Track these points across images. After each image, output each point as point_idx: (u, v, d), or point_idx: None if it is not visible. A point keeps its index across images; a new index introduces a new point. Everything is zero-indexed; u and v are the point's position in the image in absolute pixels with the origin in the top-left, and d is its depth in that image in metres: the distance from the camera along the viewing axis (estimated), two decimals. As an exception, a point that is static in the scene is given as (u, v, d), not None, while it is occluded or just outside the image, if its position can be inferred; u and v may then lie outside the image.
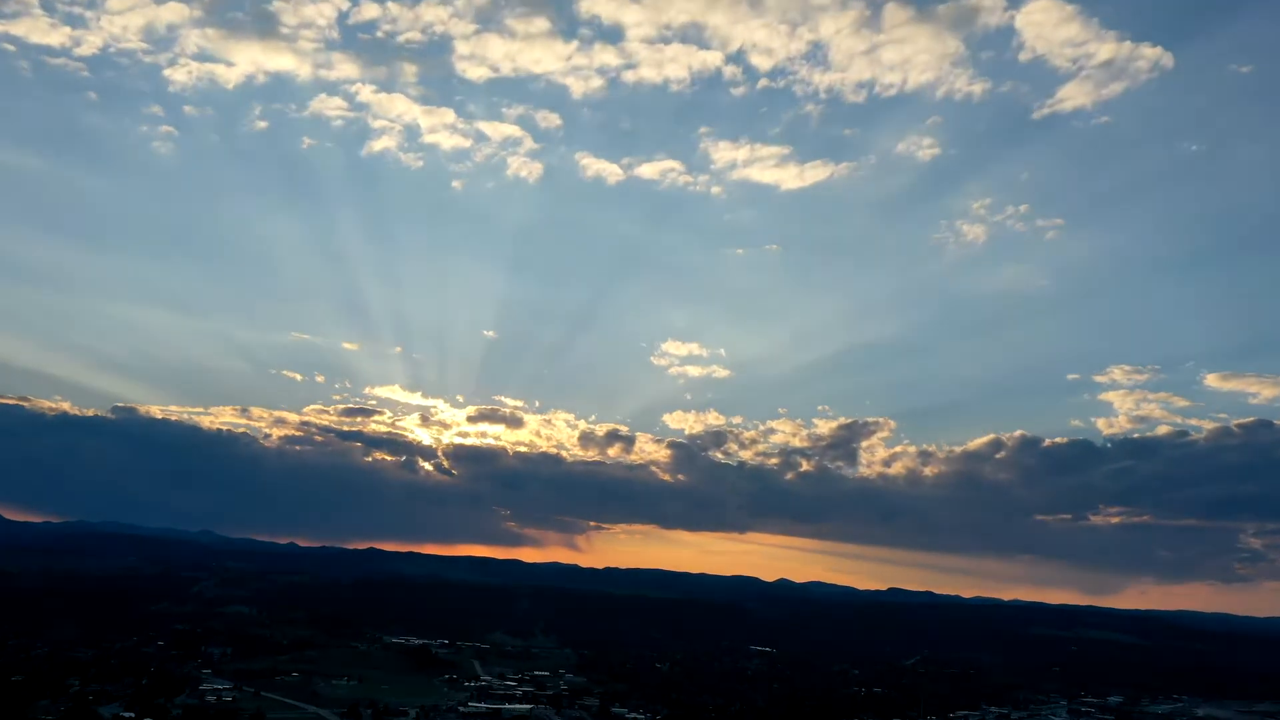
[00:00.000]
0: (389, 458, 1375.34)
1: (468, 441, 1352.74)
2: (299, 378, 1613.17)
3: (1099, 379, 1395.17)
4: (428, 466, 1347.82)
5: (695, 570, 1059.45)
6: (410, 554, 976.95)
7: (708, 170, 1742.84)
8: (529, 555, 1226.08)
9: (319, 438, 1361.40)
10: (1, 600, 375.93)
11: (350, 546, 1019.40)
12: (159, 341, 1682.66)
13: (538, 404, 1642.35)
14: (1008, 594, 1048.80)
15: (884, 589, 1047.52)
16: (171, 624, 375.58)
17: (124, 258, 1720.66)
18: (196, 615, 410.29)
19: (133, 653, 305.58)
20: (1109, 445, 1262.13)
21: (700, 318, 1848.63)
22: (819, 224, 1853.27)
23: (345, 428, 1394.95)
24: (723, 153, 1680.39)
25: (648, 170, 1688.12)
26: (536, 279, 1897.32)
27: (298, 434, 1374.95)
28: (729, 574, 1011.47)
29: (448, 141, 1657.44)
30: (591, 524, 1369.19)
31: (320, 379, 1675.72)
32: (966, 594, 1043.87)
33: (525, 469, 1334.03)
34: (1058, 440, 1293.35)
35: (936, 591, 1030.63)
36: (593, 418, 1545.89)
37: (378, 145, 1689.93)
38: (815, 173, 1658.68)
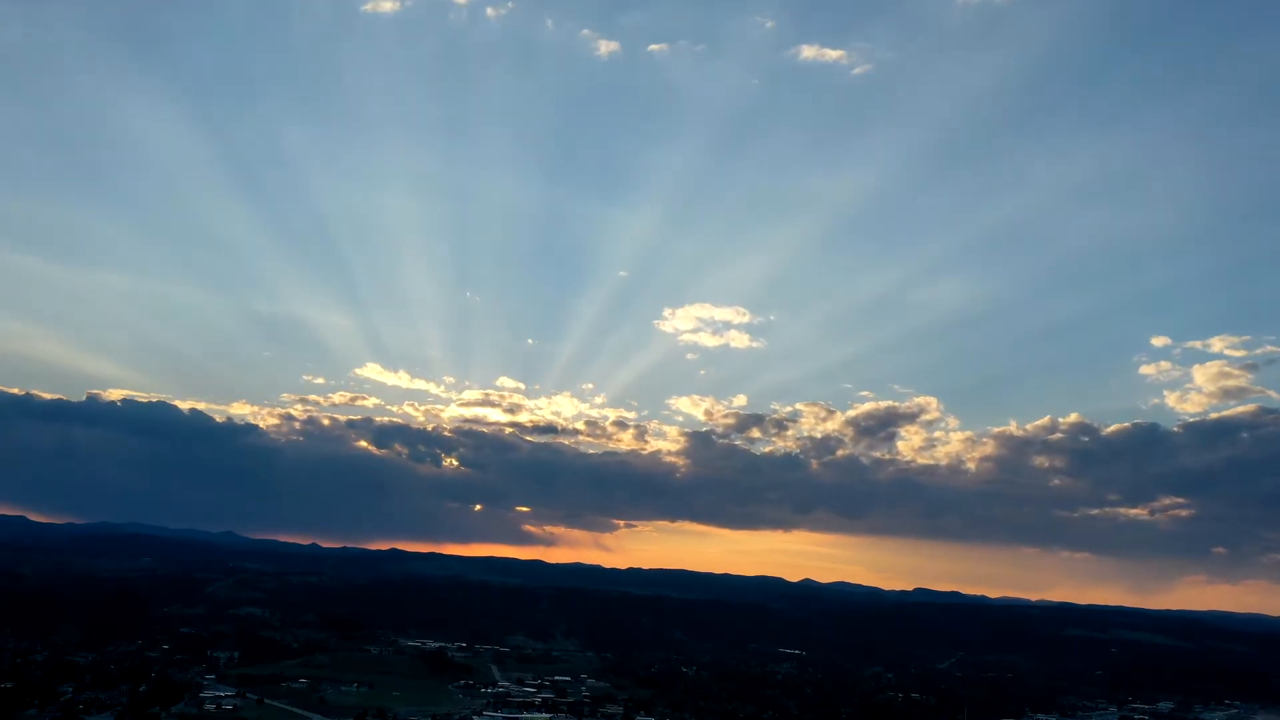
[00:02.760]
0: (402, 451, 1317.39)
1: (470, 429, 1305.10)
2: (269, 355, 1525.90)
3: (1194, 344, 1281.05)
4: (451, 462, 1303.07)
5: (719, 570, 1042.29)
6: (432, 554, 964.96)
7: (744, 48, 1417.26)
8: (551, 555, 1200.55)
9: (316, 431, 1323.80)
10: (9, 603, 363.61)
11: (372, 547, 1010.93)
12: (90, 308, 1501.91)
13: (536, 386, 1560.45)
14: (1035, 594, 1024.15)
15: (910, 589, 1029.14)
16: (180, 627, 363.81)
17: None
18: (207, 617, 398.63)
19: (135, 657, 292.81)
20: (1179, 428, 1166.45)
21: (718, 270, 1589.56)
22: (869, 134, 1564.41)
23: (343, 419, 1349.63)
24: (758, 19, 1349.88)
25: (658, 51, 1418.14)
26: (514, 216, 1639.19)
27: (299, 426, 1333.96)
28: (753, 574, 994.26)
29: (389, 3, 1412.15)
30: (615, 522, 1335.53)
31: (291, 357, 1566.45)
32: (993, 594, 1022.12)
33: (541, 462, 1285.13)
34: (1115, 427, 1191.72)
35: (964, 592, 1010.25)
36: (599, 400, 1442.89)
37: (304, 24, 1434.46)
38: (885, 51, 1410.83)
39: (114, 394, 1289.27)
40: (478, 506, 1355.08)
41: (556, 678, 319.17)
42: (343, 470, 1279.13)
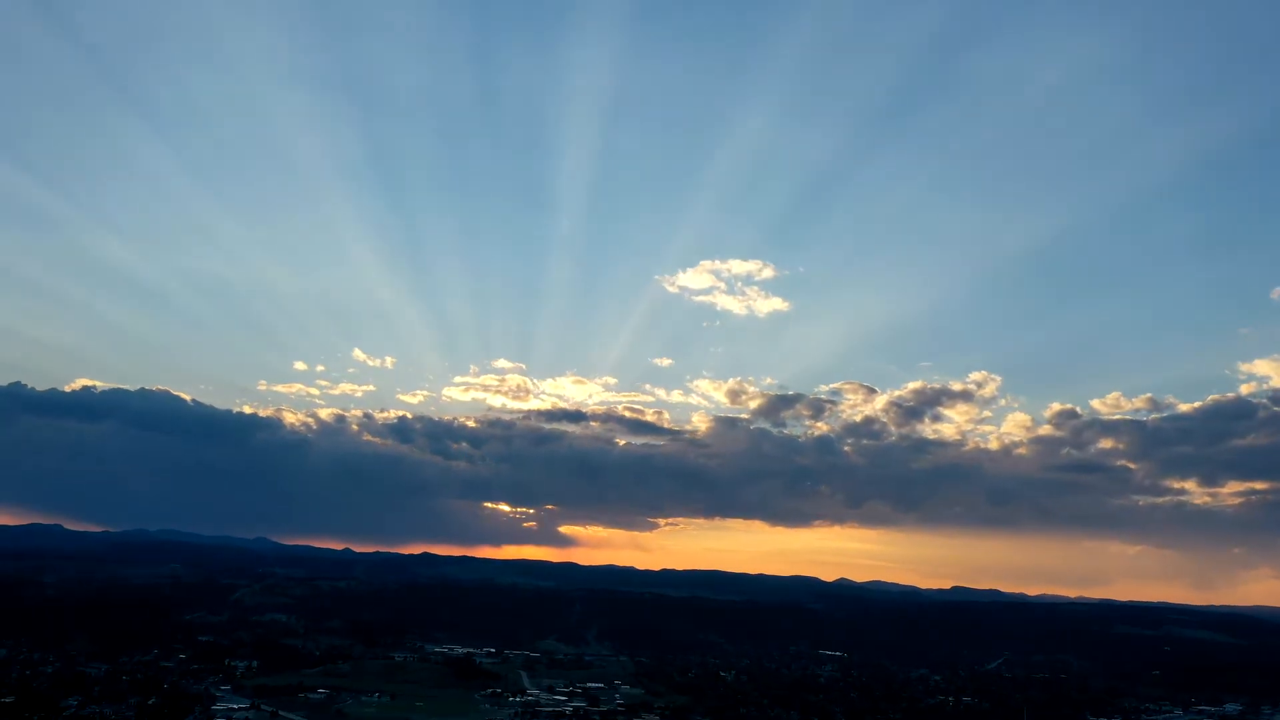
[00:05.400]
0: (424, 445, 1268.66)
1: (494, 418, 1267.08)
2: (237, 335, 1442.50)
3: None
4: (478, 456, 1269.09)
5: (753, 570, 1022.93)
6: (464, 558, 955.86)
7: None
8: (583, 557, 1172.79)
9: (329, 426, 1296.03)
10: (26, 612, 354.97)
11: (405, 551, 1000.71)
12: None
13: (532, 366, 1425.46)
14: (1074, 591, 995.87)
15: (948, 587, 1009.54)
16: (201, 635, 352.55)
17: None
18: (230, 625, 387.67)
19: (150, 667, 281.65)
20: (1268, 399, 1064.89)
21: (738, 218, 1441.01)
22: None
23: (357, 412, 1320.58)
24: None
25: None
26: (439, 104, 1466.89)
27: (308, 420, 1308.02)
28: (788, 574, 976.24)
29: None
30: (650, 520, 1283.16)
31: (258, 337, 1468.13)
32: (1031, 592, 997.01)
33: (567, 456, 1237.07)
34: (1189, 406, 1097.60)
35: (1003, 590, 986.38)
36: (611, 380, 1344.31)
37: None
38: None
39: (91, 383, 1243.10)
40: (504, 505, 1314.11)
41: (589, 685, 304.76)
42: (369, 469, 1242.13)
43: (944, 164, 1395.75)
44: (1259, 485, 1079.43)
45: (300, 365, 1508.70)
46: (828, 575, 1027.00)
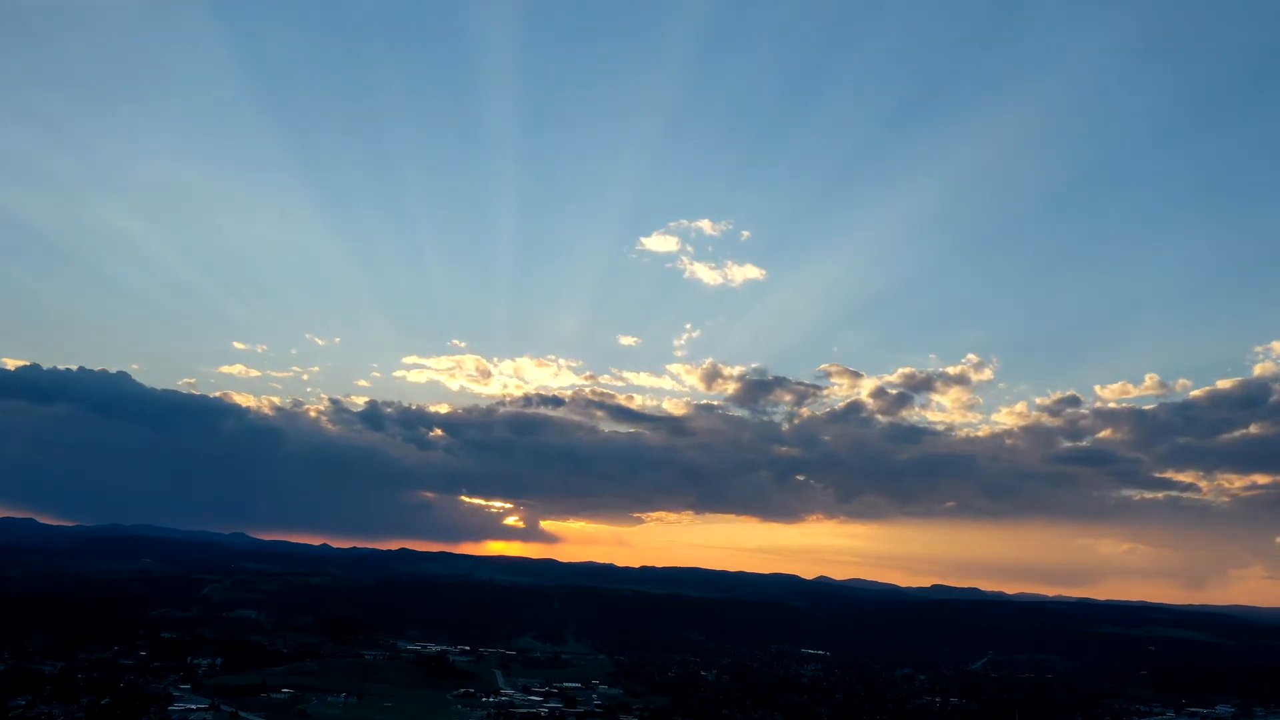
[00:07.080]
0: (395, 434, 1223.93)
1: (467, 407, 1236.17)
2: (166, 306, 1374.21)
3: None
4: (447, 442, 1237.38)
5: (733, 568, 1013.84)
6: (441, 554, 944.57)
7: None
8: (565, 553, 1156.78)
9: (277, 412, 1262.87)
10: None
11: (382, 547, 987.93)
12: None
13: (496, 343, 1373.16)
14: (1053, 590, 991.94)
15: (929, 585, 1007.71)
16: (165, 631, 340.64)
17: None
18: (197, 620, 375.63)
19: (108, 665, 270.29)
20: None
21: (707, 179, 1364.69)
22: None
23: (324, 396, 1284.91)
24: None
25: None
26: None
27: (264, 406, 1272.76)
28: (768, 571, 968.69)
29: None
30: (633, 515, 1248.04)
31: (186, 311, 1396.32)
32: (1010, 590, 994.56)
33: (541, 449, 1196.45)
34: (1199, 392, 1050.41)
35: (983, 588, 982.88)
36: (574, 363, 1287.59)
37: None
38: None
39: (22, 362, 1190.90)
40: (479, 500, 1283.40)
41: (566, 684, 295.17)
42: (343, 460, 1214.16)
43: (912, 93, 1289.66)
44: (1261, 479, 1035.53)
45: (240, 345, 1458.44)
46: (808, 573, 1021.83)
